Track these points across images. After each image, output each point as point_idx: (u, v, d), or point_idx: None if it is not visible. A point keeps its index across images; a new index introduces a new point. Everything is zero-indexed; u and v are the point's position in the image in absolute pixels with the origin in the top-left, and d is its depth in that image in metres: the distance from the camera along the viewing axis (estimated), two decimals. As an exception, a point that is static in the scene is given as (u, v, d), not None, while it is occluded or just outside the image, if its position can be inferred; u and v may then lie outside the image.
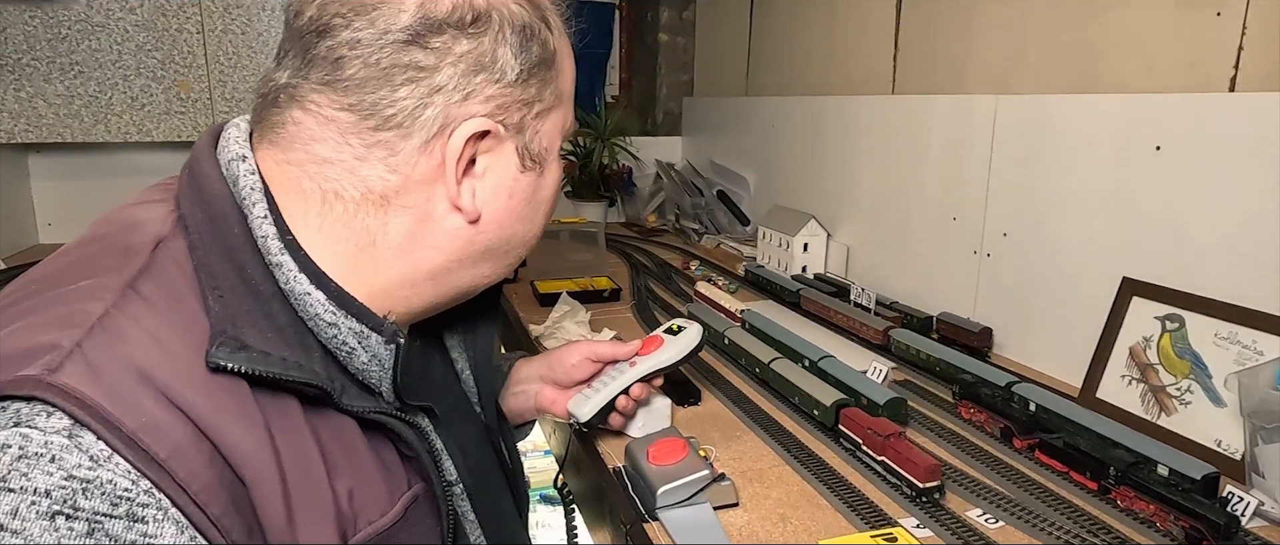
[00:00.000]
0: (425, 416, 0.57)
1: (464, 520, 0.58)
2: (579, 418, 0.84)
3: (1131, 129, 1.03)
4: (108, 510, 0.37)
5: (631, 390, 0.85)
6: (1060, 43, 1.18)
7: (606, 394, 0.84)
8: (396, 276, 0.54)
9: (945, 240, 1.34)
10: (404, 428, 0.52)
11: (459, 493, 0.59)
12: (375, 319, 0.50)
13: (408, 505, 0.51)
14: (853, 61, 1.71)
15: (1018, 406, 0.94)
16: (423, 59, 0.49)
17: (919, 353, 1.15)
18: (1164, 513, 0.74)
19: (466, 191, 0.53)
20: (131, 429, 0.38)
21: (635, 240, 2.14)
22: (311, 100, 0.50)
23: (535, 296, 1.50)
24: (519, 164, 0.56)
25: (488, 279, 0.60)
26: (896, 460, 0.82)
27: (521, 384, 0.89)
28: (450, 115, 0.51)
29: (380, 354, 0.51)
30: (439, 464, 0.54)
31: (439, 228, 0.54)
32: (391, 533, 0.49)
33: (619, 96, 2.94)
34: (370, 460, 0.50)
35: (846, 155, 1.65)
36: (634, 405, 0.88)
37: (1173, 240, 0.98)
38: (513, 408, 0.88)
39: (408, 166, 0.51)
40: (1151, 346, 0.98)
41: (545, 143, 0.57)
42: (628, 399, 0.86)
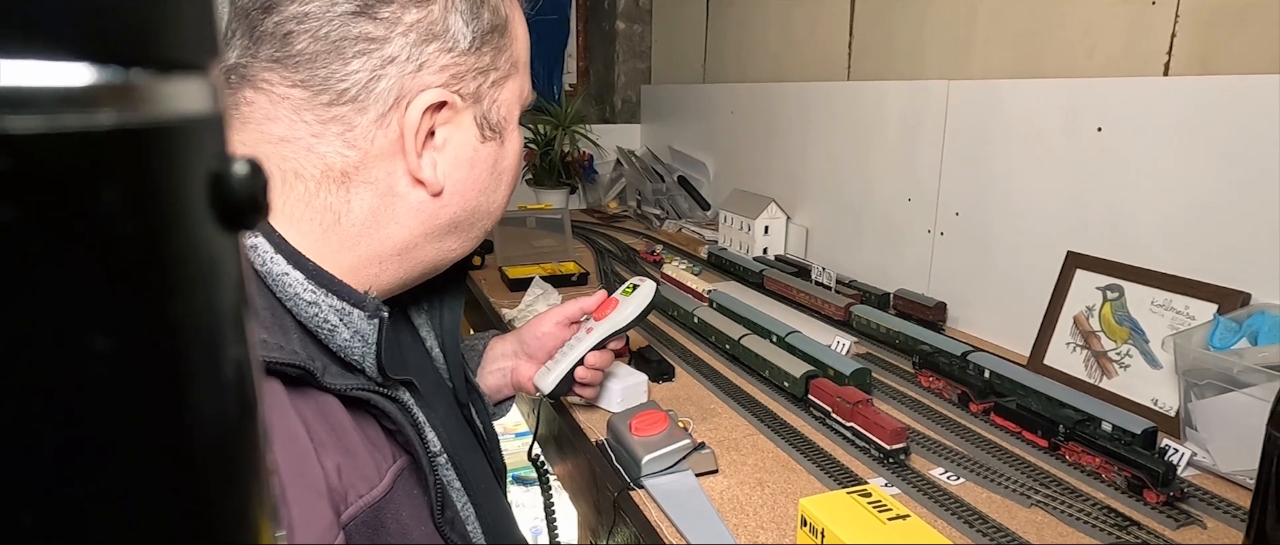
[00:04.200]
0: (406, 390, 0.57)
1: (450, 489, 0.59)
2: (543, 389, 0.85)
3: (1074, 111, 1.09)
4: None
5: (588, 359, 0.85)
6: (1008, 30, 1.24)
7: (566, 363, 0.85)
8: (364, 254, 0.53)
9: (901, 220, 1.40)
10: (386, 402, 0.52)
11: (444, 463, 0.59)
12: (357, 295, 0.51)
13: (395, 477, 0.51)
14: (809, 49, 1.76)
15: (973, 373, 0.99)
16: (372, 30, 0.49)
17: (879, 327, 1.20)
18: (1109, 465, 0.81)
19: (428, 164, 0.53)
20: None
21: (598, 226, 2.16)
22: (263, 79, 0.49)
23: (504, 281, 1.51)
24: (479, 134, 0.56)
25: (454, 253, 0.60)
26: (865, 425, 0.86)
27: (497, 362, 0.89)
28: (405, 87, 0.50)
29: (363, 329, 0.51)
30: (423, 435, 0.55)
31: (403, 202, 0.53)
32: (381, 505, 0.49)
33: (577, 84, 2.95)
34: (356, 436, 0.50)
35: (804, 140, 1.70)
36: (598, 375, 0.88)
37: (1113, 215, 1.05)
38: (490, 386, 0.88)
39: (366, 141, 0.50)
40: (1094, 315, 1.05)
41: (503, 112, 0.57)
42: (586, 369, 0.86)
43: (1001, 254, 1.21)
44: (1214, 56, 0.97)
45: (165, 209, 0.10)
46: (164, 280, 0.10)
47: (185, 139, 0.11)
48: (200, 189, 0.11)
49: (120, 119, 0.10)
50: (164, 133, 0.10)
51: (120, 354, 0.09)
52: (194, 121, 0.11)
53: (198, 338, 0.11)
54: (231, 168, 0.11)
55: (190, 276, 0.11)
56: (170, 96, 0.10)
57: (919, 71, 1.42)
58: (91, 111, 0.09)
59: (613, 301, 0.88)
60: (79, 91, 0.09)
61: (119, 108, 0.10)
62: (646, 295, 0.88)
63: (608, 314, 0.86)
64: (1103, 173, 1.06)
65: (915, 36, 1.43)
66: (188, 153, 0.11)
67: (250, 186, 0.11)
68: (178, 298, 0.10)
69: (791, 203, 1.75)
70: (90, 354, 0.09)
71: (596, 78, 2.92)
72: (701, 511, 0.75)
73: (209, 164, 0.11)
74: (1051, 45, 1.17)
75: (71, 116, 0.09)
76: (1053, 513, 0.76)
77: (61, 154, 0.09)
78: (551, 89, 2.83)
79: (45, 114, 0.09)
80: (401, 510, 0.51)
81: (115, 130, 0.10)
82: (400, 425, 0.52)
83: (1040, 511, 0.76)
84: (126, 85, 0.10)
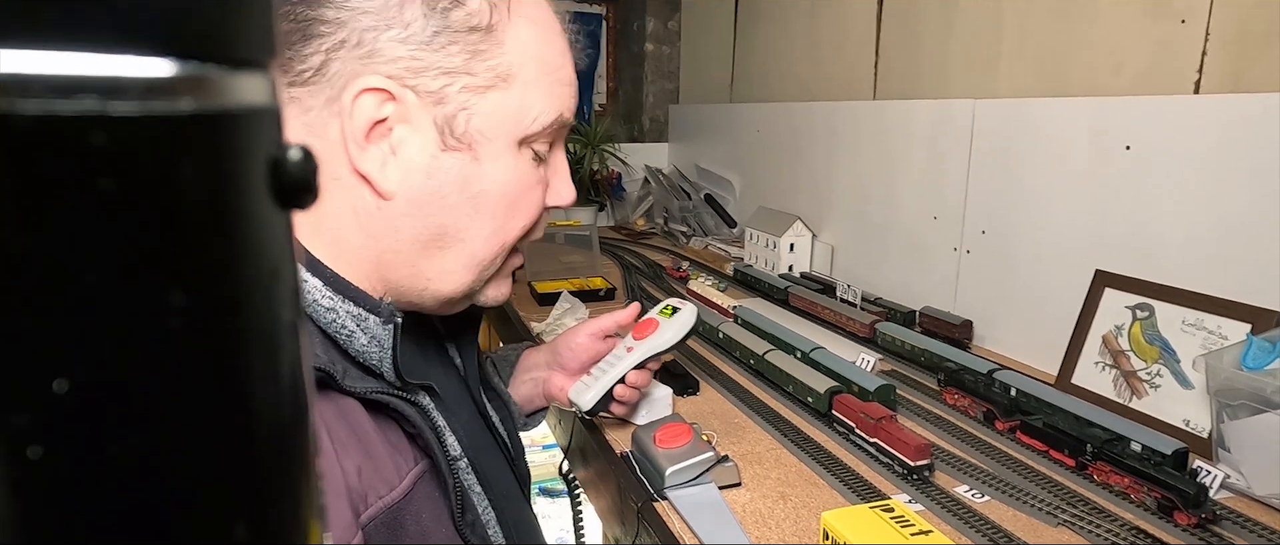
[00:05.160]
0: (426, 394, 0.57)
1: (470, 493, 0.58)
2: (581, 406, 0.84)
3: (1102, 130, 1.09)
4: None
5: (629, 377, 0.84)
6: (1034, 49, 1.24)
7: (606, 381, 0.84)
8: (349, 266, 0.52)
9: (926, 238, 1.40)
10: (406, 406, 0.52)
11: (464, 467, 0.59)
12: (372, 301, 0.51)
13: (416, 480, 0.52)
14: (835, 68, 1.77)
15: (999, 391, 0.99)
16: (331, 13, 0.48)
17: (904, 344, 1.20)
18: (1138, 485, 0.79)
19: (374, 159, 0.51)
20: None
21: (625, 243, 2.18)
22: None
23: (533, 296, 1.54)
24: (438, 140, 0.52)
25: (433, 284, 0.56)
26: (888, 441, 0.86)
27: (530, 371, 0.89)
28: (354, 73, 0.49)
29: (379, 335, 0.51)
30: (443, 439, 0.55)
31: (362, 205, 0.52)
32: (401, 507, 0.49)
33: (606, 105, 2.99)
34: (376, 439, 0.50)
35: (830, 159, 1.71)
36: (635, 393, 0.87)
37: (1142, 234, 1.04)
38: (522, 395, 0.88)
39: (320, 125, 0.50)
40: (1123, 334, 1.04)
41: (479, 125, 0.53)
42: (626, 387, 0.84)
43: (1028, 272, 1.20)
44: (1245, 74, 0.96)
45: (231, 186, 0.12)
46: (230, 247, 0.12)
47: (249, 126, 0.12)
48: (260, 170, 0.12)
49: (197, 106, 0.11)
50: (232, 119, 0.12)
51: (194, 309, 0.11)
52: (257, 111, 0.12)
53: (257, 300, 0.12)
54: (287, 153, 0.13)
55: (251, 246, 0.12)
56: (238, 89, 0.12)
57: (945, 90, 1.42)
58: (174, 99, 0.11)
59: (652, 322, 0.86)
60: (164, 82, 0.11)
61: (196, 97, 0.11)
62: (687, 320, 0.86)
63: (648, 335, 0.85)
64: (1131, 191, 1.05)
65: (941, 56, 1.43)
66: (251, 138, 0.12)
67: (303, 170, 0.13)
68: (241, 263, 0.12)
69: (817, 220, 1.75)
70: (169, 307, 0.11)
71: (625, 98, 2.96)
72: (724, 523, 0.76)
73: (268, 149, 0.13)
74: (1078, 64, 1.17)
75: (158, 103, 0.11)
76: (1080, 532, 0.75)
77: (150, 134, 0.11)
78: (581, 109, 2.87)
79: (137, 100, 0.11)
80: (422, 512, 0.51)
81: (193, 115, 0.11)
82: (419, 429, 0.52)
83: (1067, 531, 0.75)
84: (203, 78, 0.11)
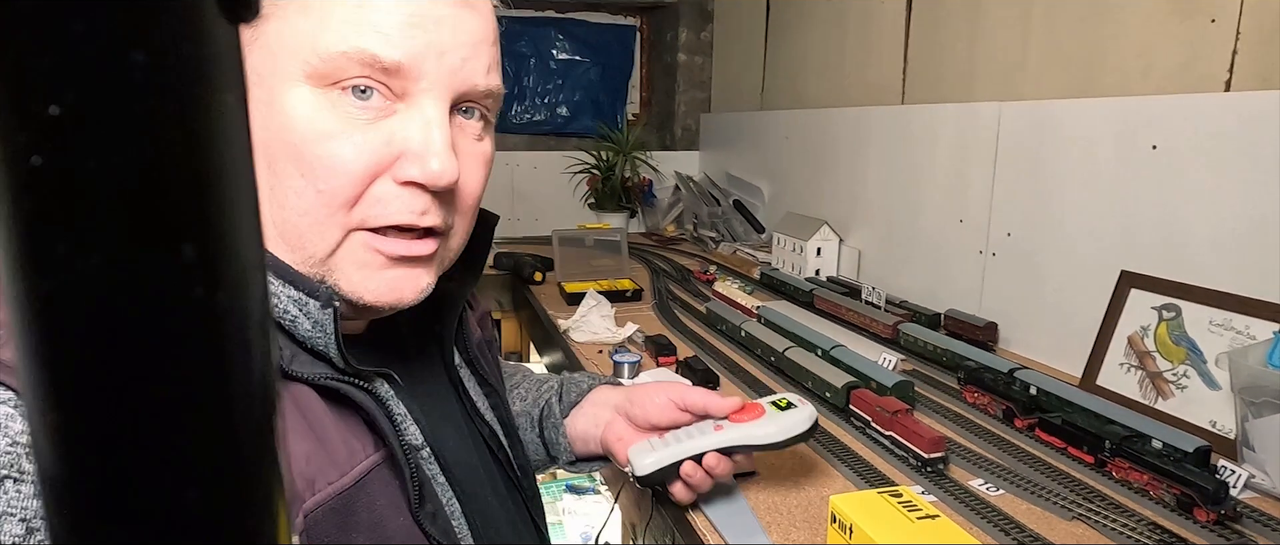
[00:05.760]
0: (383, 382, 0.54)
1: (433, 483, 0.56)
2: (636, 469, 0.70)
3: (1129, 130, 1.08)
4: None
5: (706, 459, 0.70)
6: (1061, 50, 1.24)
7: (675, 452, 0.70)
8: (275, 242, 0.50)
9: (952, 241, 1.40)
10: (359, 393, 0.50)
11: (426, 457, 0.56)
12: (310, 284, 0.48)
13: (370, 468, 0.50)
14: (864, 74, 1.78)
15: (1019, 390, 0.98)
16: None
17: (926, 344, 1.20)
18: (1157, 482, 0.79)
19: None
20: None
21: (655, 248, 2.21)
22: None
23: (562, 295, 1.57)
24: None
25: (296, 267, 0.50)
26: (903, 434, 0.87)
27: (595, 407, 0.78)
28: None
29: (320, 319, 0.48)
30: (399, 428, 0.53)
31: None
32: (351, 494, 0.48)
33: (639, 114, 3.03)
34: (330, 425, 0.49)
35: (858, 163, 1.71)
36: (708, 481, 0.72)
37: (1169, 234, 1.03)
38: (577, 429, 0.78)
39: None
40: (1149, 335, 1.03)
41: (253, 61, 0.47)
42: (699, 469, 0.70)
43: (1054, 274, 1.20)
44: (1277, 73, 0.95)
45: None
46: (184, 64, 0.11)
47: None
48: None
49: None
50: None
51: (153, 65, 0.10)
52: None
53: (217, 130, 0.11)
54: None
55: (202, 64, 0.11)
56: None
57: (972, 93, 1.42)
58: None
59: (757, 408, 0.72)
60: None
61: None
62: (801, 421, 0.71)
63: (746, 420, 0.71)
64: (1158, 191, 1.04)
65: (968, 59, 1.43)
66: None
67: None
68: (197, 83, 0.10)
69: (845, 225, 1.75)
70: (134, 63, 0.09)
71: (658, 107, 2.99)
72: (737, 509, 0.77)
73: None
74: (1105, 65, 1.16)
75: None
76: (1095, 526, 0.74)
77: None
78: (615, 118, 2.91)
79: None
80: (376, 500, 0.50)
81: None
82: (374, 417, 0.50)
83: (1081, 525, 0.75)
84: None
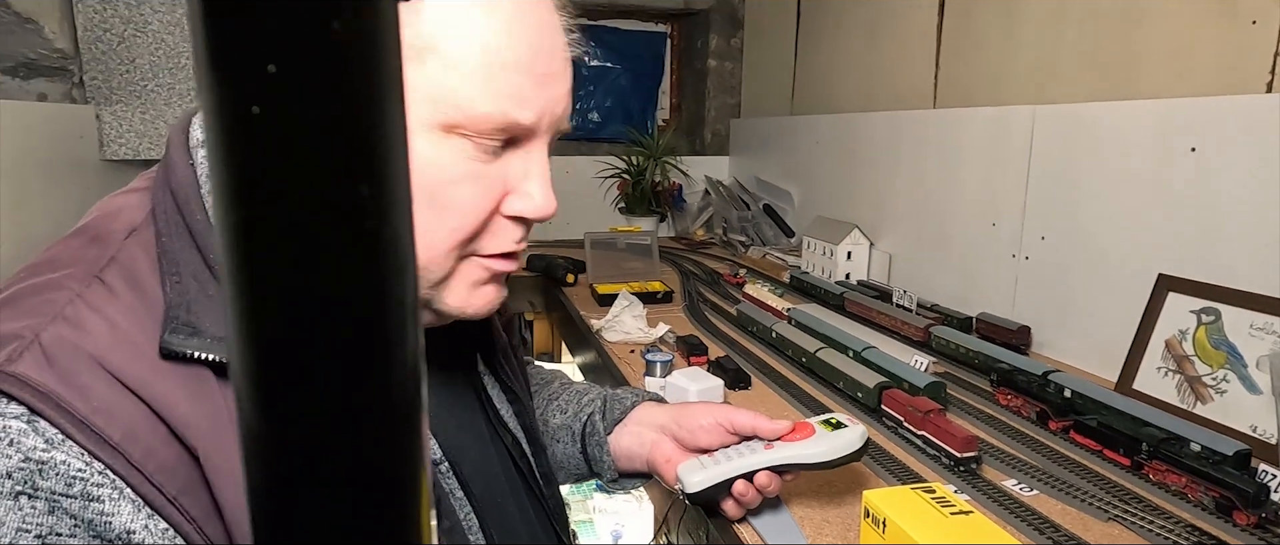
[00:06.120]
0: None
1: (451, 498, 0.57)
2: (686, 487, 0.71)
3: (1167, 132, 1.07)
4: (64, 490, 0.38)
5: (757, 478, 0.70)
6: (1095, 53, 1.23)
7: (725, 470, 0.70)
8: None
9: (984, 245, 1.39)
10: None
11: (444, 471, 0.57)
12: None
13: None
14: (895, 79, 1.78)
15: (1053, 392, 0.98)
16: None
17: (958, 347, 1.20)
18: (1195, 485, 0.78)
19: None
20: (83, 413, 0.39)
21: (684, 252, 2.23)
22: None
23: (594, 297, 1.60)
24: None
25: None
26: (935, 433, 0.87)
27: (641, 424, 0.77)
28: None
29: None
30: None
31: None
32: None
33: (670, 119, 3.05)
34: None
35: (888, 168, 1.71)
36: (758, 498, 0.72)
37: (1208, 237, 1.02)
38: (623, 446, 0.77)
39: None
40: (1187, 339, 1.02)
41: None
42: (750, 487, 0.71)
43: (1089, 278, 1.19)
44: (1318, 74, 0.94)
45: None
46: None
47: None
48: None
49: None
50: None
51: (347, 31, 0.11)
52: None
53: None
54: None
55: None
56: None
57: (1005, 97, 1.42)
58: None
59: (807, 428, 0.73)
60: None
61: None
62: (852, 442, 0.71)
63: (797, 439, 0.72)
64: (1196, 194, 1.03)
65: (1001, 63, 1.43)
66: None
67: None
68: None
69: (875, 229, 1.75)
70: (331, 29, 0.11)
71: (688, 113, 3.01)
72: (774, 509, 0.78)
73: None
74: (1141, 67, 1.15)
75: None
76: (1131, 528, 0.74)
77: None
78: (645, 123, 2.94)
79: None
80: None
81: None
82: None
83: (1117, 526, 0.75)
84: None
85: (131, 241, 0.47)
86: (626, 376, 1.17)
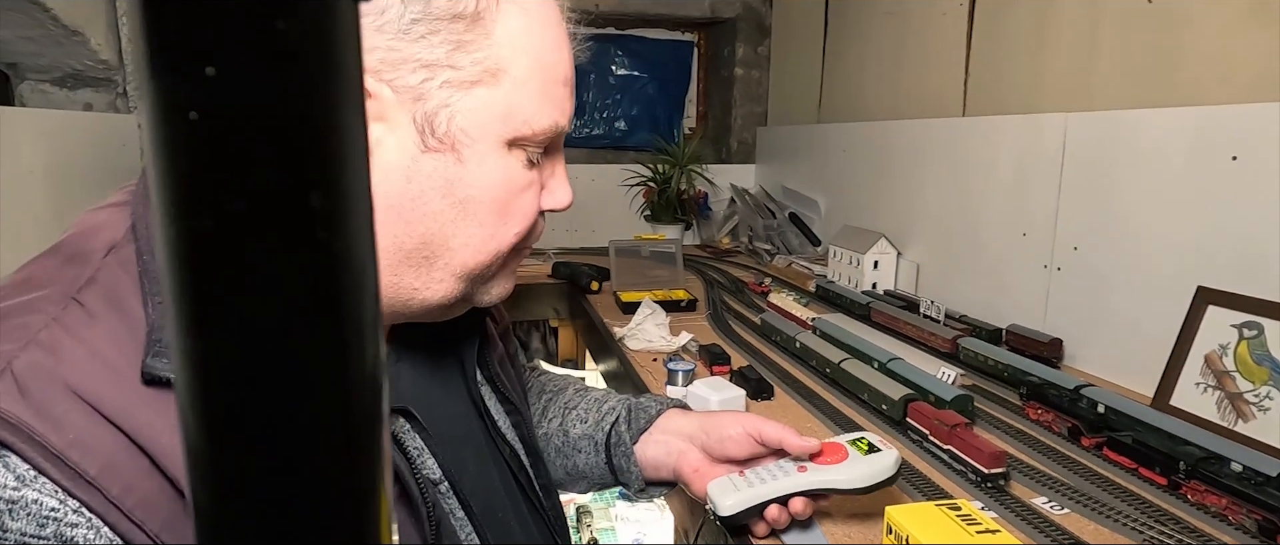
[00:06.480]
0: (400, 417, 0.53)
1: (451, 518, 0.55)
2: (718, 508, 0.69)
3: (1206, 140, 1.04)
4: (35, 531, 0.36)
5: (792, 503, 0.69)
6: (1131, 59, 1.20)
7: (760, 494, 0.69)
8: None
9: (1015, 255, 1.36)
10: None
11: (444, 491, 0.55)
12: None
13: None
14: (923, 86, 1.75)
15: (1086, 407, 0.95)
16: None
17: (987, 359, 1.17)
18: (1236, 506, 0.75)
19: None
20: (59, 447, 0.37)
21: (709, 260, 2.21)
22: None
23: (618, 304, 1.59)
24: (419, 141, 0.48)
25: (419, 293, 0.52)
26: (962, 448, 0.85)
27: (667, 434, 0.76)
28: None
29: None
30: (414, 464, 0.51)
31: None
32: None
33: (696, 128, 3.04)
34: None
35: (916, 176, 1.68)
36: (788, 520, 0.71)
37: (1249, 248, 0.99)
38: (650, 456, 0.76)
39: None
40: (1228, 354, 0.98)
41: (463, 123, 0.48)
42: (783, 512, 0.70)
43: (1123, 289, 1.16)
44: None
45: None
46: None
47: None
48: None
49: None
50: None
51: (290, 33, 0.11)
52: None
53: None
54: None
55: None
56: None
57: (1036, 104, 1.39)
58: None
59: (840, 450, 0.72)
60: None
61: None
62: (886, 466, 0.70)
63: (833, 463, 0.71)
64: (1237, 203, 1.00)
65: (1032, 70, 1.40)
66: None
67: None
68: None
69: (903, 238, 1.73)
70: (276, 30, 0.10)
71: (714, 121, 3.00)
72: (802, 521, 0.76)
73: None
74: (1179, 73, 1.12)
75: None
76: (1167, 550, 0.71)
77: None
78: (672, 132, 2.93)
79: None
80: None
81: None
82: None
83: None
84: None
85: (111, 259, 0.45)
86: (648, 384, 1.16)
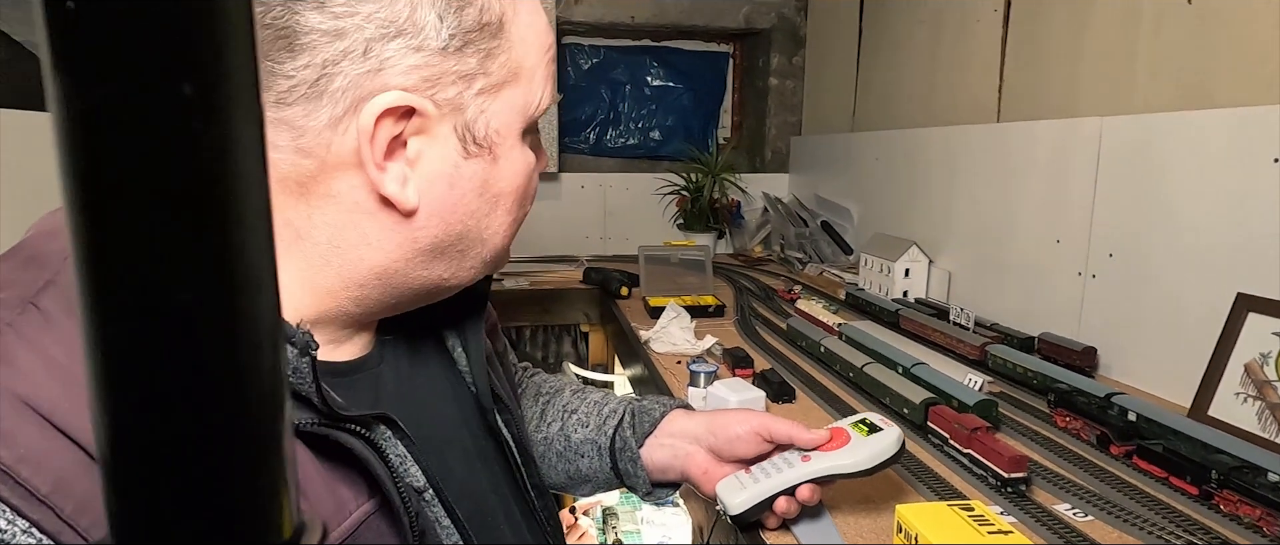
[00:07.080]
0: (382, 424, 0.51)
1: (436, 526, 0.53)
2: (728, 508, 0.69)
3: (1247, 142, 1.01)
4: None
5: (799, 492, 0.69)
6: (1170, 62, 1.17)
7: (767, 488, 0.69)
8: (339, 276, 0.48)
9: (1048, 263, 1.33)
10: (346, 437, 0.46)
11: (429, 499, 0.54)
12: (288, 330, 0.44)
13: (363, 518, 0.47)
14: (957, 92, 1.73)
15: (1115, 415, 0.93)
16: (320, 21, 0.42)
17: (1016, 366, 1.15)
18: (1272, 517, 0.73)
19: (394, 179, 0.46)
20: (7, 463, 0.34)
21: (741, 268, 2.21)
22: None
23: (646, 309, 1.60)
24: (460, 149, 0.48)
25: (448, 281, 0.53)
26: (982, 451, 0.84)
27: (673, 436, 0.75)
28: (362, 88, 0.43)
29: (298, 366, 0.44)
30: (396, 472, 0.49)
31: (372, 221, 0.47)
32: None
33: (731, 137, 3.04)
34: (314, 474, 0.45)
35: (949, 184, 1.66)
36: (797, 509, 0.71)
37: (1292, 254, 0.95)
38: (657, 460, 0.75)
39: (321, 148, 0.44)
40: (1269, 363, 0.95)
41: (495, 125, 0.49)
42: (791, 502, 0.69)
43: (1160, 297, 1.12)
44: None
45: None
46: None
47: None
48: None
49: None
50: None
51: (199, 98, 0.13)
52: None
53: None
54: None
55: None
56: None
57: (1071, 109, 1.36)
58: None
59: (842, 434, 0.71)
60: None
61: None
62: (888, 445, 0.70)
63: (833, 449, 0.71)
64: (1279, 207, 0.97)
65: (1068, 74, 1.38)
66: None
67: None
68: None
69: (935, 246, 1.70)
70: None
71: (749, 131, 3.00)
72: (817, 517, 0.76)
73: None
74: (1220, 75, 1.09)
75: None
76: (1195, 559, 0.69)
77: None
78: (706, 142, 2.94)
79: None
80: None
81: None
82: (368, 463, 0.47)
83: (1180, 556, 0.70)
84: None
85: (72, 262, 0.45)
86: (671, 387, 1.16)
